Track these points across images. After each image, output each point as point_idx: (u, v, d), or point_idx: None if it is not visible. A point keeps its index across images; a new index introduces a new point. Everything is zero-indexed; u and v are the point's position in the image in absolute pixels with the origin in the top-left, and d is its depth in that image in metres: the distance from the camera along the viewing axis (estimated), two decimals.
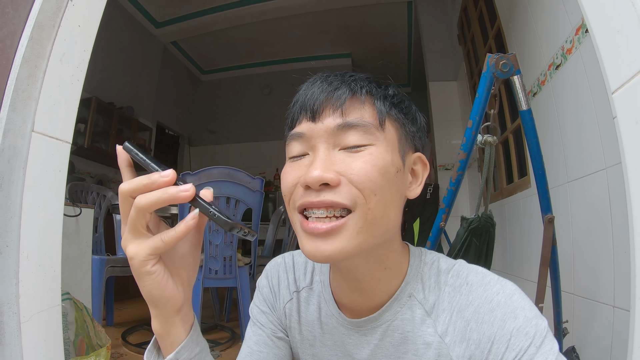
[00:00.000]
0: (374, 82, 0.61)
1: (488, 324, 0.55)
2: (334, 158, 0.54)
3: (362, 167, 0.53)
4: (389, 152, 0.56)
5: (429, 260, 0.65)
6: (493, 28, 2.68)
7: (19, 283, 0.77)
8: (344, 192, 0.52)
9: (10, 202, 0.79)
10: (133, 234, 0.49)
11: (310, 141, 0.56)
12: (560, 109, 1.77)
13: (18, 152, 0.81)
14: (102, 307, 2.53)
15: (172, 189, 0.47)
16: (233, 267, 2.31)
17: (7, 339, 0.76)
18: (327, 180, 0.52)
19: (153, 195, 0.47)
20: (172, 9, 5.26)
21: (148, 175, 0.48)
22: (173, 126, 6.49)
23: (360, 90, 0.57)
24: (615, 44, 0.77)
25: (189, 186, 0.48)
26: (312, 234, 0.53)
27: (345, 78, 0.59)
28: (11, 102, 0.80)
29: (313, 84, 0.59)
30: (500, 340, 0.53)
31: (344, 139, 0.55)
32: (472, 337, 0.56)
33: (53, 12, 0.88)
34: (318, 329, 0.70)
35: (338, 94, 0.56)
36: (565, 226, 1.73)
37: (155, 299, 0.51)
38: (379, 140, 0.55)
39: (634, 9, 0.71)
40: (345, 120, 0.55)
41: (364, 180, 0.52)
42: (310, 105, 0.57)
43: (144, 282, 0.50)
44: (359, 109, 0.56)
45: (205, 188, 0.52)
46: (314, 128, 0.56)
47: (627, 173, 0.76)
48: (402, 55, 6.43)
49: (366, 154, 0.54)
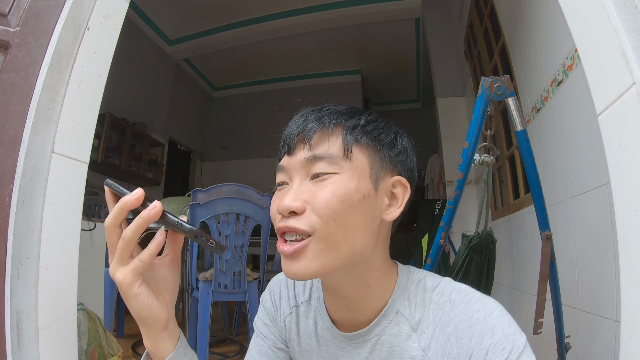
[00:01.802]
0: (348, 113, 0.65)
1: (467, 339, 0.58)
2: (304, 188, 0.61)
3: (323, 195, 0.58)
4: (354, 180, 0.60)
5: (416, 279, 0.69)
6: (498, 44, 2.71)
7: (38, 293, 0.83)
8: (304, 219, 0.58)
9: (32, 218, 0.85)
10: (120, 262, 0.56)
11: (289, 172, 0.63)
12: (562, 125, 1.80)
13: (39, 172, 0.88)
14: (114, 318, 2.59)
15: (144, 213, 0.55)
16: (242, 282, 2.34)
17: (25, 345, 0.81)
18: (293, 209, 0.58)
19: (133, 225, 0.55)
20: (184, 27, 5.41)
21: (120, 199, 0.56)
22: (185, 142, 6.60)
23: (328, 123, 0.62)
24: (600, 68, 0.80)
25: (155, 203, 0.55)
26: (282, 254, 0.60)
27: (320, 113, 0.65)
28: (33, 125, 0.87)
29: (293, 121, 0.66)
30: (478, 355, 0.56)
31: (314, 170, 0.61)
32: (452, 351, 0.59)
33: (71, 40, 0.95)
34: (315, 341, 0.74)
35: (307, 129, 0.62)
36: (568, 241, 1.74)
37: (144, 318, 0.58)
38: (343, 169, 0.60)
39: (615, 34, 0.74)
40: (313, 153, 0.61)
41: (323, 207, 0.58)
42: (288, 141, 0.64)
43: (132, 304, 0.57)
44: (326, 142, 0.62)
45: (181, 215, 0.60)
46: (290, 161, 0.63)
47: (612, 193, 0.79)
48: (411, 71, 6.50)
49: (329, 182, 0.59)
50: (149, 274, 0.60)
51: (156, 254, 0.57)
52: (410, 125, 7.50)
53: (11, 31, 0.89)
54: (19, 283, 0.82)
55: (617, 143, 0.76)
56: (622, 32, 0.72)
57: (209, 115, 7.25)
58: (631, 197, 0.72)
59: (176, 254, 0.63)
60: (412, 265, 0.73)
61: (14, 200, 0.83)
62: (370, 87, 7.10)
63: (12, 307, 0.80)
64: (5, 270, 0.80)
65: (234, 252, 2.29)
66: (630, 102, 0.70)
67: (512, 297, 2.64)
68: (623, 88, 0.72)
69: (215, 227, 2.22)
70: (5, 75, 0.87)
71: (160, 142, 5.61)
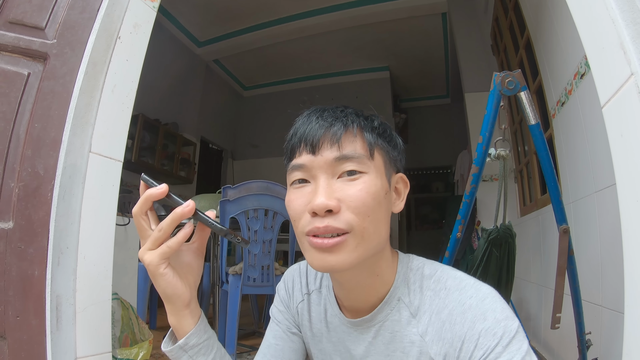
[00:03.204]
0: (362, 116, 0.69)
1: (460, 324, 0.61)
2: (334, 186, 0.63)
3: (357, 194, 0.62)
4: (378, 178, 0.65)
5: (415, 267, 0.73)
6: (523, 38, 2.68)
7: (76, 279, 0.92)
8: (341, 219, 0.62)
9: (71, 211, 0.95)
10: (150, 247, 0.63)
11: (311, 171, 0.65)
12: (586, 118, 1.77)
13: (78, 170, 0.97)
14: (146, 311, 2.70)
15: (179, 209, 0.62)
16: (270, 276, 2.40)
17: (64, 326, 0.90)
18: (330, 207, 0.61)
19: (168, 218, 0.62)
20: (212, 29, 5.53)
21: (146, 191, 0.64)
22: (216, 141, 6.75)
23: (352, 124, 0.66)
24: (601, 60, 0.81)
25: (189, 202, 0.63)
26: (320, 248, 0.63)
27: (337, 113, 0.68)
28: (72, 128, 0.96)
29: (309, 119, 0.68)
30: (470, 339, 0.59)
31: (342, 169, 0.64)
32: (446, 336, 0.63)
33: (104, 49, 1.03)
34: (324, 327, 0.80)
35: (334, 130, 0.65)
36: (592, 237, 1.71)
37: (169, 295, 0.65)
38: (370, 168, 0.65)
39: (614, 25, 0.75)
40: (342, 154, 0.64)
41: (359, 206, 0.62)
42: (310, 140, 0.65)
43: (159, 282, 0.64)
44: (352, 142, 0.65)
45: (209, 210, 0.67)
46: (314, 160, 0.65)
47: (617, 184, 0.80)
48: (440, 66, 6.42)
49: (360, 182, 0.63)
50: (175, 258, 0.66)
51: (183, 242, 0.64)
52: (440, 121, 7.43)
53: (49, 43, 0.99)
54: (59, 270, 0.91)
55: (619, 135, 0.77)
56: (621, 23, 0.73)
57: (240, 114, 7.38)
58: (635, 192, 0.73)
59: (202, 242, 0.70)
60: (440, 261, 0.77)
61: (55, 195, 0.92)
62: (399, 83, 7.05)
63: (53, 291, 0.90)
64: (47, 258, 0.90)
65: (263, 246, 2.35)
66: (629, 94, 0.71)
67: (540, 294, 2.60)
68: (622, 79, 0.73)
69: (244, 223, 2.29)
70: (45, 84, 0.96)
71: (192, 142, 5.76)
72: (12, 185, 0.91)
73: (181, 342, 0.66)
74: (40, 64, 0.98)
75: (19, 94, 0.94)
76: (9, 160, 0.92)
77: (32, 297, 0.88)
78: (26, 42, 0.98)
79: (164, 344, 0.69)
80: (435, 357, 0.64)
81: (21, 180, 0.92)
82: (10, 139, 0.92)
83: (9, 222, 0.90)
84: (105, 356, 0.97)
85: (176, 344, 0.66)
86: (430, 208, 7.58)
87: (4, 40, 0.97)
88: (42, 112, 0.95)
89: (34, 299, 0.88)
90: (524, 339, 0.58)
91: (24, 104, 0.94)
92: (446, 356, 0.63)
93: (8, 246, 0.89)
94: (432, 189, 7.60)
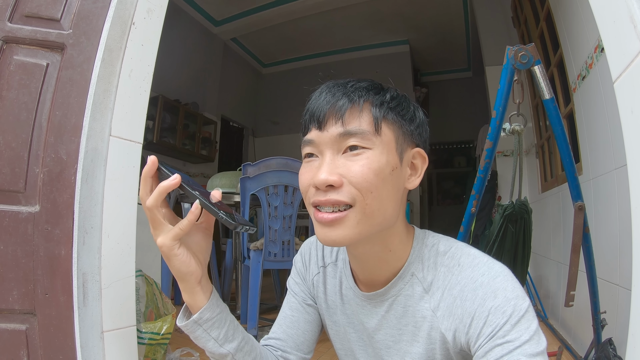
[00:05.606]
0: (373, 90, 0.69)
1: (470, 301, 0.62)
2: (337, 162, 0.65)
3: (359, 170, 0.63)
4: (384, 154, 0.65)
5: (430, 243, 0.73)
6: (543, 9, 2.58)
7: (101, 257, 0.98)
8: (345, 192, 0.63)
9: (94, 192, 1.00)
10: (155, 229, 0.65)
11: (319, 147, 0.67)
12: (607, 93, 1.72)
13: (99, 153, 1.01)
14: (171, 288, 2.78)
15: (163, 183, 0.63)
16: (291, 251, 2.44)
17: (90, 302, 0.96)
18: (331, 182, 0.63)
19: (154, 194, 0.64)
20: (229, 8, 5.49)
21: (159, 184, 0.65)
22: (237, 119, 6.79)
23: (358, 99, 0.66)
24: (613, 35, 0.79)
25: (175, 176, 0.64)
26: (321, 222, 0.65)
27: (347, 88, 0.68)
28: (92, 113, 1.00)
29: (320, 95, 0.69)
30: (480, 316, 0.60)
31: (346, 144, 0.65)
32: (457, 312, 0.64)
33: (119, 36, 1.06)
34: (339, 299, 0.82)
35: (339, 105, 0.65)
36: (612, 214, 1.68)
37: (182, 274, 0.67)
38: (375, 144, 0.65)
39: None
40: (346, 129, 0.64)
41: (361, 182, 0.63)
42: (317, 116, 0.67)
43: (173, 262, 0.66)
44: (357, 118, 0.65)
45: (215, 189, 0.68)
46: (321, 136, 0.66)
47: (628, 161, 0.79)
48: (461, 39, 6.25)
49: (363, 157, 0.64)
50: (186, 238, 0.69)
51: (193, 222, 0.66)
52: (461, 95, 7.27)
53: (65, 34, 1.02)
54: (84, 249, 0.97)
55: (630, 111, 0.76)
56: None
57: (259, 91, 7.38)
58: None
59: (209, 222, 0.72)
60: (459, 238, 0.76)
61: (78, 178, 0.97)
62: (419, 57, 6.90)
63: (79, 269, 0.96)
64: (73, 237, 0.95)
65: (283, 222, 2.39)
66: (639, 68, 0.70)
67: (559, 271, 2.58)
68: (633, 54, 0.71)
69: (265, 199, 2.33)
70: (64, 73, 1.00)
71: (212, 120, 5.81)
72: (37, 170, 0.96)
73: (195, 316, 0.69)
74: (58, 54, 1.02)
75: (39, 84, 0.99)
76: (33, 148, 0.97)
77: (60, 276, 0.94)
78: (43, 34, 1.01)
79: (179, 319, 0.72)
80: (446, 332, 0.66)
81: (45, 166, 0.97)
82: (33, 128, 0.97)
83: (36, 206, 0.96)
84: (130, 330, 1.04)
85: (190, 318, 0.69)
86: (452, 183, 7.51)
87: (21, 34, 1.00)
88: (62, 100, 0.99)
89: (61, 277, 0.94)
90: (533, 319, 0.59)
91: (45, 94, 0.99)
92: (456, 332, 0.64)
93: (35, 228, 0.95)
94: (454, 163, 7.49)
